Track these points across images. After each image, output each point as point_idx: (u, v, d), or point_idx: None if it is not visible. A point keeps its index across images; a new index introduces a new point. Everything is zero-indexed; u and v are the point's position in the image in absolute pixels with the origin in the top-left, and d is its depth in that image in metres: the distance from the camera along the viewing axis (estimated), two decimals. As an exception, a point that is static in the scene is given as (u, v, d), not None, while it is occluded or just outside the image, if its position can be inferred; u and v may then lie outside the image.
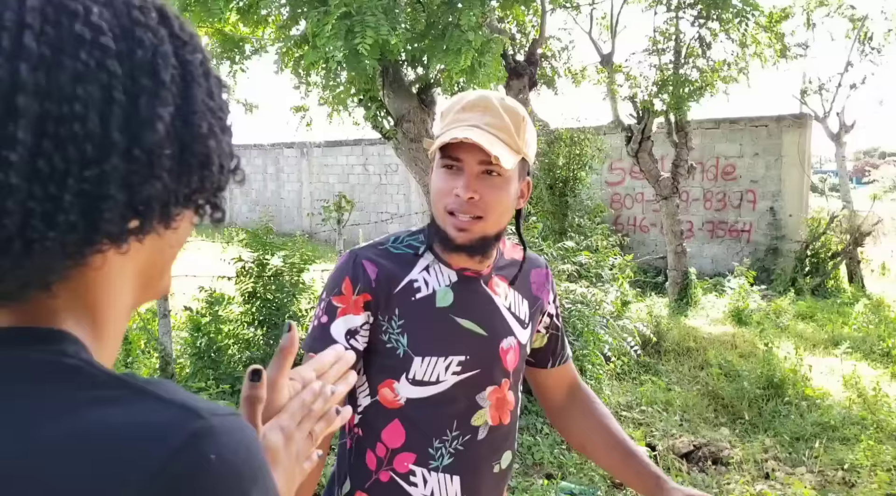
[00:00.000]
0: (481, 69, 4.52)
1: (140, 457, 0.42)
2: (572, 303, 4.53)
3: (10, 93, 0.41)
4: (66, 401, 0.44)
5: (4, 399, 0.44)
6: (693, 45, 6.86)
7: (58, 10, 0.43)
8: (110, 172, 0.45)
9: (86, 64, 0.44)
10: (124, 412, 0.44)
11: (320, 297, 1.23)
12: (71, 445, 0.42)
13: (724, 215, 9.59)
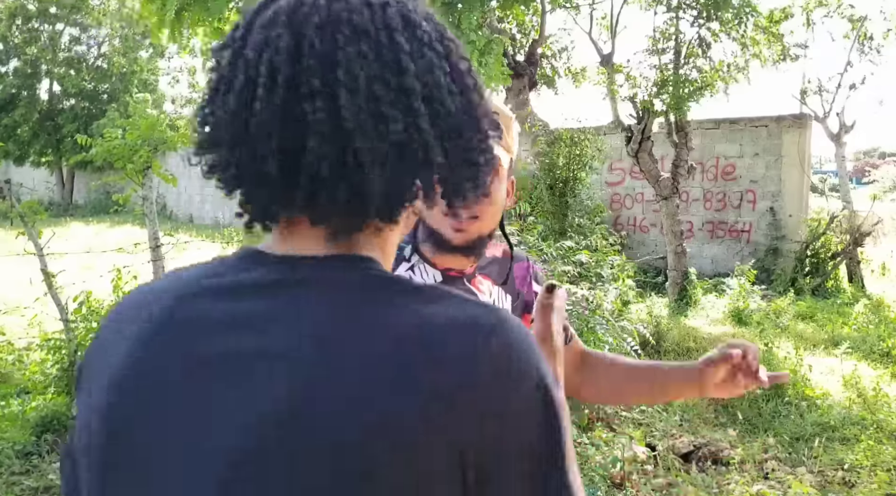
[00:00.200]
0: (483, 69, 4.52)
1: (466, 339, 0.56)
2: (573, 304, 4.53)
3: (402, 75, 0.57)
4: (405, 300, 0.58)
5: (364, 301, 0.58)
6: (693, 46, 6.86)
7: (406, 19, 0.59)
8: (450, 147, 0.60)
9: (430, 58, 0.59)
10: (445, 308, 0.58)
11: None
12: (422, 334, 0.55)
13: (724, 215, 9.59)
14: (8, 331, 5.20)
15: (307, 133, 0.55)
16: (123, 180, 4.58)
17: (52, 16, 20.90)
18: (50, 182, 23.43)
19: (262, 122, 0.56)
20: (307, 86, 0.55)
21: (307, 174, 0.56)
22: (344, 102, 0.55)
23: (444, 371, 0.54)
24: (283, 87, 0.55)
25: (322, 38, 0.56)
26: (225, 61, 0.59)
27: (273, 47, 0.56)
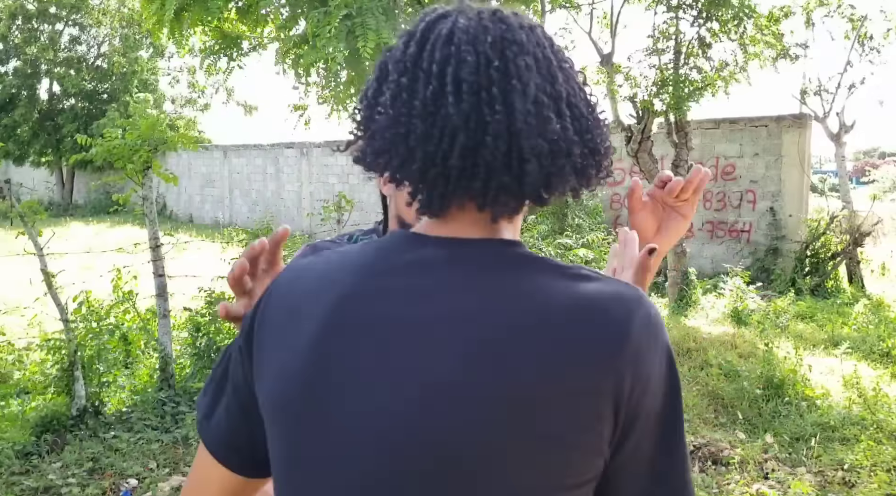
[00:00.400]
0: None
1: (620, 309, 0.66)
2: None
3: (554, 83, 0.70)
4: (555, 276, 0.68)
5: (521, 276, 0.68)
6: (693, 46, 6.86)
7: (548, 38, 0.74)
8: (588, 146, 0.72)
9: (567, 69, 0.75)
10: (596, 285, 0.68)
11: None
12: (580, 304, 0.65)
13: (724, 215, 9.59)
14: (8, 331, 5.20)
15: (487, 132, 0.66)
16: (123, 180, 4.58)
17: (52, 16, 20.88)
18: (50, 182, 23.41)
19: (451, 125, 0.66)
20: (488, 93, 0.67)
21: (485, 166, 0.67)
22: (518, 107, 0.67)
23: (605, 336, 0.64)
24: (468, 94, 0.66)
25: (497, 54, 0.68)
26: (398, 72, 0.70)
27: (456, 62, 0.67)
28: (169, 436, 3.98)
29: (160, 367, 4.58)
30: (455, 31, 0.69)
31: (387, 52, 0.74)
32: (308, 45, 4.58)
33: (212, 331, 4.88)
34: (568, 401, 0.63)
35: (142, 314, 4.93)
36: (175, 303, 5.11)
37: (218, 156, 18.33)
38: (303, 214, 15.69)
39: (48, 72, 21.08)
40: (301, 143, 15.79)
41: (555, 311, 0.65)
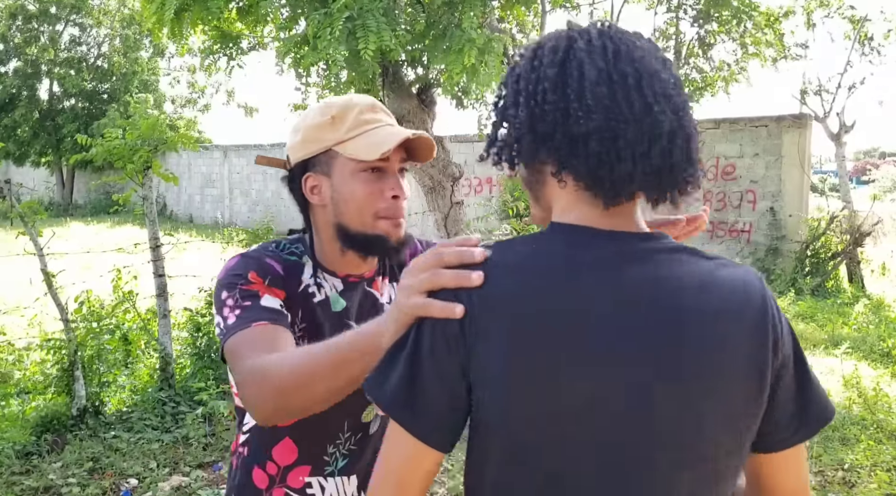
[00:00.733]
0: (483, 68, 4.51)
1: (759, 285, 0.84)
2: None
3: (680, 89, 0.85)
4: (711, 264, 0.83)
5: (693, 265, 0.82)
6: (693, 45, 6.86)
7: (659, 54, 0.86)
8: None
9: (678, 76, 0.87)
10: (731, 267, 0.84)
11: (220, 300, 1.14)
12: (737, 285, 0.82)
13: (724, 215, 9.59)
14: (8, 331, 5.20)
15: (678, 135, 0.83)
16: (124, 180, 4.58)
17: (52, 16, 20.89)
18: (50, 182, 23.42)
19: (659, 130, 0.80)
20: (654, 99, 0.80)
21: (672, 164, 0.82)
22: (689, 113, 0.85)
23: (760, 306, 0.82)
24: (639, 103, 0.79)
25: (653, 69, 0.82)
26: (594, 82, 0.80)
27: (648, 76, 0.81)
28: (169, 436, 3.98)
29: (160, 367, 4.58)
30: (621, 49, 0.82)
31: (529, 71, 0.84)
32: (308, 45, 4.58)
33: (212, 331, 4.88)
34: (752, 364, 0.81)
35: (142, 314, 4.93)
36: (175, 303, 5.11)
37: (218, 156, 18.34)
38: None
39: (48, 72, 21.08)
40: (301, 143, 15.80)
41: (728, 292, 0.81)
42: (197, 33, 5.81)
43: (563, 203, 0.86)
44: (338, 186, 1.19)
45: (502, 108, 0.88)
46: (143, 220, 4.83)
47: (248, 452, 1.25)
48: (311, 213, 1.24)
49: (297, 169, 1.22)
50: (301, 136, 1.20)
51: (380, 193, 1.18)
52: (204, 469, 3.63)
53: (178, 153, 5.83)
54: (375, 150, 1.15)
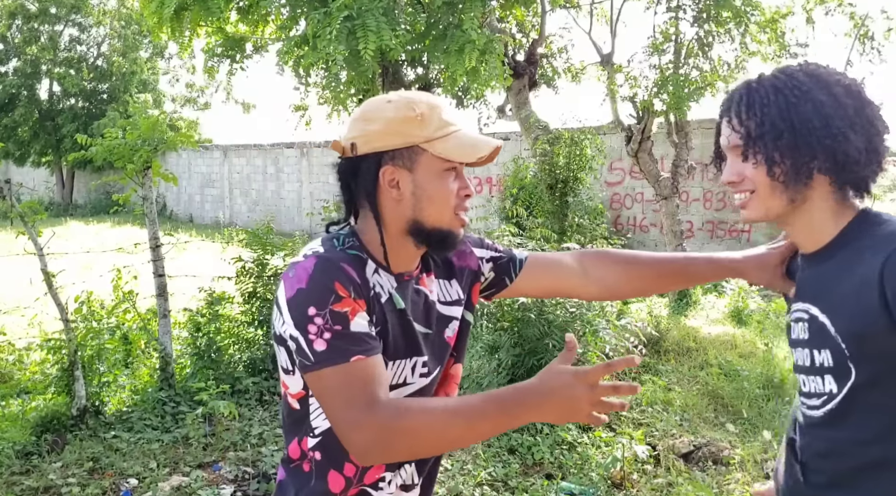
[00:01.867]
0: (484, 68, 4.51)
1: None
2: (577, 306, 4.53)
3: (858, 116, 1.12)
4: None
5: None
6: (693, 45, 6.85)
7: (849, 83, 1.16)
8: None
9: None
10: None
11: (304, 316, 1.10)
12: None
13: (724, 215, 9.59)
14: (8, 331, 5.20)
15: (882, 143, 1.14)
16: (124, 180, 4.58)
17: (52, 16, 20.88)
18: (50, 182, 23.42)
19: (882, 143, 1.14)
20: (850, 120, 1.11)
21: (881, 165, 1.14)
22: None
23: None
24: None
25: (817, 89, 1.13)
26: (852, 109, 1.12)
27: (868, 104, 1.13)
28: (169, 436, 3.98)
29: (160, 367, 4.58)
30: (842, 83, 1.14)
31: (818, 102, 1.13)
32: (308, 45, 4.58)
33: (212, 331, 4.88)
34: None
35: (142, 314, 4.93)
36: (175, 303, 5.11)
37: (218, 156, 18.33)
38: (303, 214, 15.69)
39: (48, 72, 21.08)
40: (301, 143, 15.80)
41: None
42: (199, 34, 5.81)
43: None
44: (421, 182, 1.19)
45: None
46: (142, 220, 4.83)
47: (321, 457, 1.21)
48: (379, 205, 1.21)
49: (370, 159, 1.19)
50: (380, 126, 1.19)
51: (456, 192, 1.22)
52: (204, 469, 3.62)
53: (178, 153, 5.83)
54: (471, 153, 1.20)
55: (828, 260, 1.15)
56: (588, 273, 1.44)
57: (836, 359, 1.10)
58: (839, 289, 1.10)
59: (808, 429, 1.19)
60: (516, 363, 4.38)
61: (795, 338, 1.21)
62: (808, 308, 1.17)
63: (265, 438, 4.02)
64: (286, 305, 1.12)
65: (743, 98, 1.17)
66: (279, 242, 5.36)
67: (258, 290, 5.13)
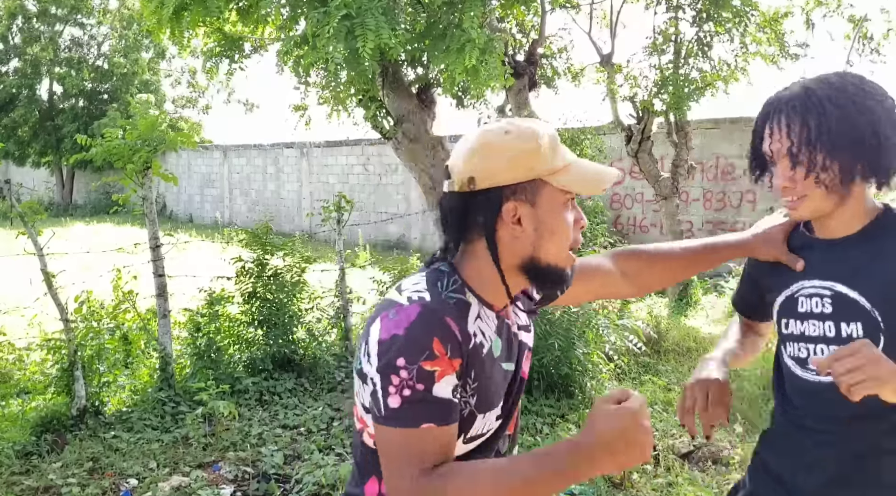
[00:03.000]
0: (483, 68, 4.51)
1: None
2: (578, 305, 4.53)
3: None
4: None
5: None
6: (693, 46, 6.85)
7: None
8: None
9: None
10: None
11: (391, 365, 1.04)
12: None
13: (724, 215, 9.59)
14: (8, 331, 5.20)
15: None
16: (124, 180, 4.58)
17: (53, 16, 20.89)
18: (50, 182, 23.41)
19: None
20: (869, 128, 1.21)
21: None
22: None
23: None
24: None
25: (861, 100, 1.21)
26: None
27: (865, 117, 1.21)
28: (169, 436, 3.98)
29: (160, 367, 4.58)
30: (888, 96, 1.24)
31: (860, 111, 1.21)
32: (308, 45, 4.58)
33: (212, 330, 4.88)
34: None
35: (142, 314, 4.93)
36: (175, 303, 5.11)
37: (218, 156, 18.33)
38: (303, 214, 15.69)
39: (48, 72, 21.08)
40: (301, 143, 15.79)
41: None
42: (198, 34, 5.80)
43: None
44: (544, 217, 1.13)
45: None
46: (142, 220, 4.83)
47: None
48: (497, 241, 1.14)
49: (491, 193, 1.12)
50: (504, 162, 1.11)
51: (574, 224, 1.17)
52: (204, 469, 3.62)
53: (178, 153, 5.84)
54: (595, 186, 1.16)
55: (859, 245, 1.28)
56: (626, 273, 1.47)
57: (867, 331, 1.24)
58: (881, 270, 1.24)
59: (811, 393, 1.30)
60: (516, 363, 4.38)
61: (808, 312, 1.31)
62: (833, 285, 1.28)
63: (265, 438, 4.02)
64: (376, 346, 1.06)
65: (797, 106, 1.23)
66: (279, 242, 5.36)
67: (258, 290, 5.13)
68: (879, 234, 1.27)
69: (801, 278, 1.34)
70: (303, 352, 5.22)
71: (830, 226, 1.32)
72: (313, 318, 5.55)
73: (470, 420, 1.13)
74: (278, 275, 5.22)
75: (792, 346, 1.34)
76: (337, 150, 15.08)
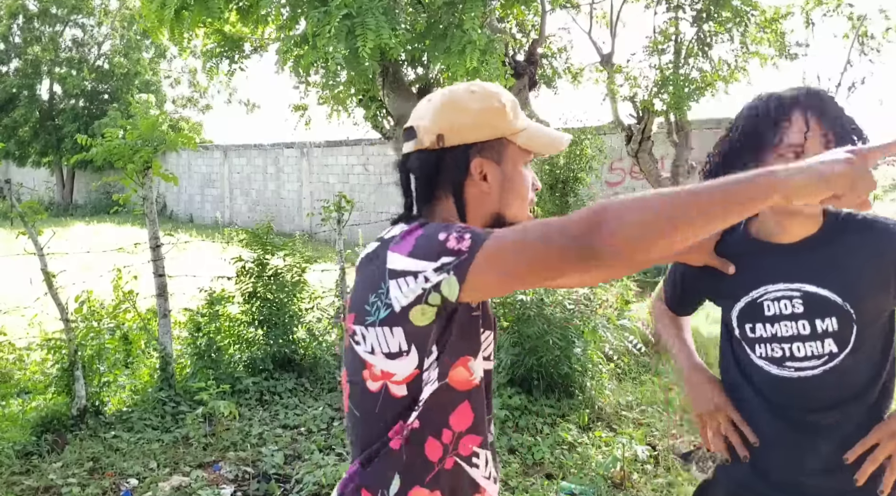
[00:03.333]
0: (484, 68, 4.51)
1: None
2: (574, 303, 4.53)
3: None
4: None
5: None
6: (693, 46, 6.85)
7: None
8: None
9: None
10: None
11: (437, 243, 1.06)
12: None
13: (725, 215, 9.58)
14: (8, 331, 5.20)
15: None
16: (124, 180, 4.58)
17: (53, 16, 20.89)
18: (50, 182, 23.41)
19: None
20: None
21: None
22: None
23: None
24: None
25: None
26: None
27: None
28: (169, 436, 3.98)
29: (160, 367, 4.58)
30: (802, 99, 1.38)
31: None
32: (308, 44, 4.58)
33: (212, 330, 4.88)
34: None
35: (142, 314, 4.93)
36: (175, 303, 5.11)
37: (218, 156, 18.34)
38: (303, 214, 15.69)
39: (49, 72, 21.08)
40: (301, 143, 15.80)
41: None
42: (198, 35, 5.81)
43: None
44: (509, 175, 1.19)
45: None
46: (143, 220, 4.83)
47: (419, 425, 1.14)
48: (465, 199, 1.18)
49: (458, 150, 1.17)
50: (471, 118, 1.16)
51: (531, 184, 1.23)
52: (204, 469, 3.62)
53: (178, 153, 5.84)
54: (554, 146, 1.22)
55: (820, 246, 1.37)
56: None
57: (841, 324, 1.33)
58: (848, 267, 1.34)
59: (794, 388, 1.38)
60: (516, 362, 4.38)
61: (777, 314, 1.37)
62: (801, 286, 1.36)
63: (265, 438, 4.02)
64: (411, 258, 1.07)
65: (820, 100, 1.35)
66: (279, 242, 5.36)
67: (258, 290, 5.13)
68: (838, 235, 1.36)
69: (762, 283, 1.39)
70: (303, 352, 5.22)
71: (791, 228, 1.38)
72: (314, 318, 5.55)
73: (479, 334, 1.16)
74: (278, 275, 5.22)
75: (763, 348, 1.40)
76: (337, 150, 15.08)
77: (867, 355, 1.36)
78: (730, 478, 1.54)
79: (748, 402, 1.45)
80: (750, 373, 1.44)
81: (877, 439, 1.33)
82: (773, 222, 1.41)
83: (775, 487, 1.42)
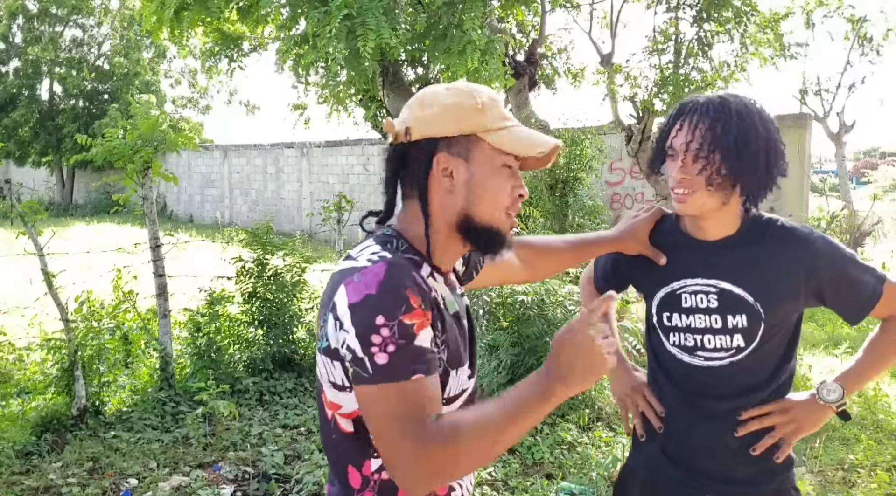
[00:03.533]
0: (484, 69, 4.52)
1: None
2: (575, 303, 4.53)
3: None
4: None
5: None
6: (693, 46, 6.85)
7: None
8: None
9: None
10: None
11: (371, 325, 1.01)
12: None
13: (724, 215, 9.58)
14: (8, 331, 5.20)
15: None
16: (124, 180, 4.59)
17: (53, 16, 20.89)
18: (50, 182, 23.41)
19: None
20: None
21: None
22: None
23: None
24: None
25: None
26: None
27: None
28: (169, 436, 3.99)
29: (160, 367, 4.58)
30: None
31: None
32: (308, 44, 4.58)
33: (212, 330, 4.88)
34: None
35: (142, 314, 4.93)
36: (175, 303, 5.11)
37: (218, 156, 18.34)
38: (303, 214, 15.69)
39: (49, 72, 21.08)
40: (301, 143, 15.80)
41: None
42: (197, 34, 5.81)
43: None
44: (476, 174, 1.13)
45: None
46: (143, 220, 4.83)
47: (389, 476, 1.08)
48: (429, 195, 1.14)
49: (422, 144, 1.14)
50: (437, 111, 1.13)
51: (512, 190, 1.17)
52: (204, 469, 3.63)
53: (178, 153, 5.83)
54: (533, 148, 1.15)
55: (739, 248, 1.44)
56: (524, 260, 1.54)
57: (750, 321, 1.42)
58: (762, 269, 1.41)
59: (702, 376, 1.47)
60: (516, 362, 4.38)
61: (693, 307, 1.46)
62: (718, 283, 1.44)
63: (265, 438, 4.02)
64: (348, 311, 1.02)
65: (710, 110, 1.36)
66: (279, 242, 5.36)
67: (258, 290, 5.14)
68: (756, 238, 1.44)
69: (682, 276, 1.48)
70: (303, 352, 5.22)
71: (707, 228, 1.46)
72: (313, 318, 5.55)
73: (445, 377, 1.11)
74: (278, 275, 5.22)
75: (676, 336, 1.48)
76: (337, 150, 15.08)
77: (772, 351, 1.45)
78: (643, 465, 1.59)
79: (662, 387, 1.54)
80: (663, 360, 1.52)
81: (769, 410, 1.45)
82: (688, 221, 1.49)
83: (685, 471, 1.50)
